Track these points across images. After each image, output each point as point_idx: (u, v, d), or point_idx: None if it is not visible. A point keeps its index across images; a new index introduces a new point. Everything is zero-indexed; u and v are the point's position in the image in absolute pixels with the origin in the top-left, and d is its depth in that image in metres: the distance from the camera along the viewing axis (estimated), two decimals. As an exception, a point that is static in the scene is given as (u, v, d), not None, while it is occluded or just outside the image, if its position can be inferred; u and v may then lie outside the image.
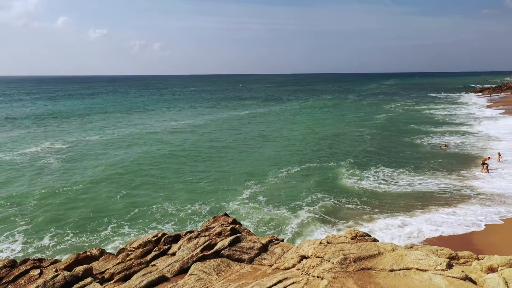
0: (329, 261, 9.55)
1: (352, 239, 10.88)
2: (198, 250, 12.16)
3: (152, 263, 12.31)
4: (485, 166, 31.58)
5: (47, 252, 19.87)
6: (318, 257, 9.97)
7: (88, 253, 13.61)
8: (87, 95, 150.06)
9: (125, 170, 35.44)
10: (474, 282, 8.23)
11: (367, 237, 10.92)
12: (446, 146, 43.35)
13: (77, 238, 21.54)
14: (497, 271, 8.61)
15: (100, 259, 13.11)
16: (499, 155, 35.29)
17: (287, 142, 49.15)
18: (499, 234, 19.76)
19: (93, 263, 12.72)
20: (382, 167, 34.74)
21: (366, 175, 32.28)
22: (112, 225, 23.11)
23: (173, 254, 12.62)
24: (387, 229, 21.35)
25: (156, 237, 13.55)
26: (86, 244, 20.54)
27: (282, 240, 13.00)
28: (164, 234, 13.71)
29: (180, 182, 31.95)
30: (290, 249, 11.70)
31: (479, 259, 9.55)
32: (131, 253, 13.05)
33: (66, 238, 21.58)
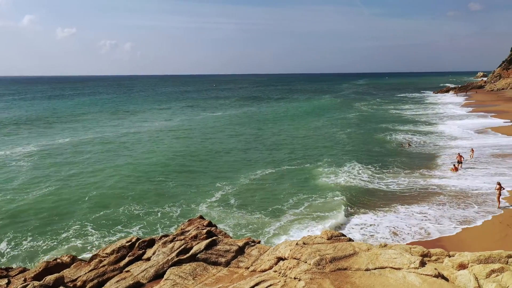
0: (306, 262, 9.59)
1: (328, 239, 10.97)
2: (173, 254, 11.97)
3: (126, 269, 12.04)
4: (459, 165, 32.42)
5: (12, 260, 19.11)
6: (295, 258, 9.99)
7: (58, 260, 13.18)
8: (56, 97, 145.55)
9: (93, 173, 34.57)
10: (446, 279, 8.44)
11: (342, 237, 11.03)
12: (409, 145, 44.71)
13: (40, 243, 20.78)
14: (467, 267, 8.87)
15: (72, 266, 12.72)
16: (472, 151, 36.41)
17: (262, 143, 49.22)
18: (469, 231, 20.40)
19: (64, 270, 12.32)
20: (357, 166, 35.27)
21: (340, 174, 32.66)
22: (79, 230, 22.43)
23: (148, 259, 12.39)
24: (362, 228, 21.68)
25: (130, 242, 13.26)
26: (50, 250, 19.88)
27: (259, 242, 12.97)
28: (138, 239, 13.43)
29: (150, 184, 31.45)
30: (266, 251, 11.69)
31: (450, 256, 9.81)
32: (104, 259, 12.71)
33: (27, 244, 20.83)
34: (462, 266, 9.07)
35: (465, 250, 12.16)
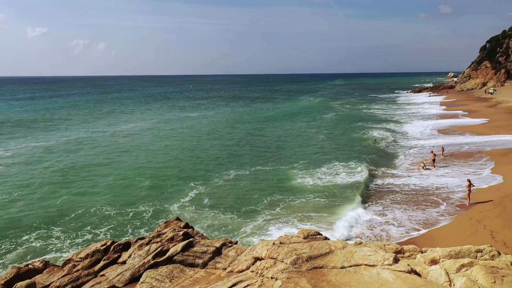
0: (283, 261, 9.66)
1: (304, 238, 11.08)
2: (149, 257, 11.84)
3: (101, 273, 11.83)
4: (433, 162, 33.23)
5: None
6: (272, 258, 10.05)
7: (30, 266, 12.83)
8: (27, 99, 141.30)
9: (63, 175, 33.79)
10: (419, 274, 8.66)
11: (318, 236, 11.16)
12: (375, 141, 46.09)
13: (7, 250, 20.07)
14: (439, 263, 9.13)
15: (44, 272, 12.40)
16: (443, 149, 37.42)
17: (239, 143, 49.18)
18: (441, 227, 20.94)
19: (36, 276, 12.01)
20: (334, 165, 35.65)
21: (315, 173, 32.94)
22: (49, 235, 21.76)
23: (124, 262, 12.21)
24: (337, 226, 21.94)
25: (105, 246, 13.04)
26: (19, 257, 19.27)
27: (236, 243, 12.98)
28: (113, 242, 13.22)
29: (123, 184, 30.97)
30: (243, 251, 11.70)
31: (422, 252, 10.06)
32: (78, 264, 12.46)
33: None
34: (433, 262, 9.32)
35: (437, 246, 12.46)
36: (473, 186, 24.07)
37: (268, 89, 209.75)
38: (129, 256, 12.29)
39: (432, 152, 35.13)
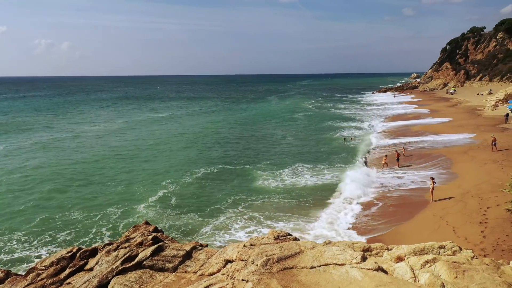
0: (253, 263, 9.69)
1: (274, 239, 11.15)
2: (118, 263, 11.58)
3: (67, 281, 11.47)
4: (397, 162, 34.11)
5: None
6: (243, 260, 10.06)
7: (-10, 276, 12.29)
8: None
9: (25, 179, 32.67)
10: (386, 272, 8.90)
11: (288, 237, 11.26)
12: (345, 140, 47.38)
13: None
14: (404, 260, 9.42)
15: (6, 282, 11.91)
16: (403, 149, 38.55)
17: (207, 143, 49.04)
18: (406, 225, 21.59)
19: (-3, 287, 11.52)
20: (300, 164, 36.19)
21: (284, 173, 33.37)
22: (10, 243, 20.98)
23: (91, 269, 11.89)
24: (305, 227, 22.23)
25: (71, 253, 12.65)
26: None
27: (206, 246, 12.90)
28: (79, 249, 12.85)
29: (90, 188, 30.29)
30: (214, 254, 11.66)
31: (389, 250, 10.35)
32: (43, 272, 12.03)
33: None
34: (399, 259, 9.61)
35: (403, 243, 12.84)
36: (436, 183, 24.95)
37: (239, 89, 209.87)
38: (97, 263, 11.99)
39: (396, 151, 36.13)
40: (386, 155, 35.56)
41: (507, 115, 51.64)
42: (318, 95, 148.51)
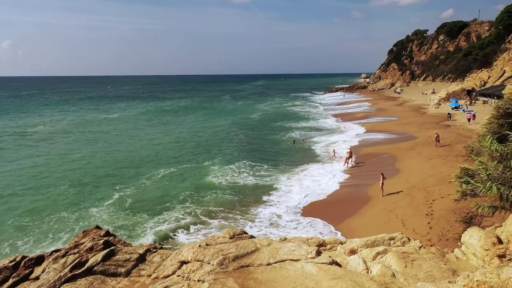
0: (209, 263, 9.58)
1: (230, 238, 11.09)
2: (66, 270, 11.02)
3: (11, 292, 10.78)
4: (349, 160, 34.96)
5: None
6: (198, 260, 9.92)
7: None
8: None
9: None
10: (339, 265, 9.11)
11: (244, 235, 11.25)
12: (294, 142, 47.79)
13: None
14: (357, 252, 9.68)
15: None
16: (350, 149, 39.46)
17: (161, 143, 48.15)
18: (358, 219, 22.26)
19: None
20: (252, 163, 36.46)
21: (240, 172, 33.46)
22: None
23: (37, 278, 11.23)
24: (261, 223, 22.36)
25: (14, 262, 11.88)
26: None
27: (161, 248, 12.60)
28: (24, 257, 12.10)
29: (42, 192, 28.83)
30: (169, 256, 11.40)
31: (342, 244, 10.60)
32: (-18, 284, 11.23)
33: None
34: (352, 252, 9.86)
35: (355, 236, 13.20)
36: (385, 178, 25.93)
37: (192, 89, 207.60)
38: (43, 271, 11.34)
39: (350, 151, 36.94)
40: (350, 152, 35.94)
41: (449, 114, 54.79)
42: (271, 95, 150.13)
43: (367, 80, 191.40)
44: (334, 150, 39.17)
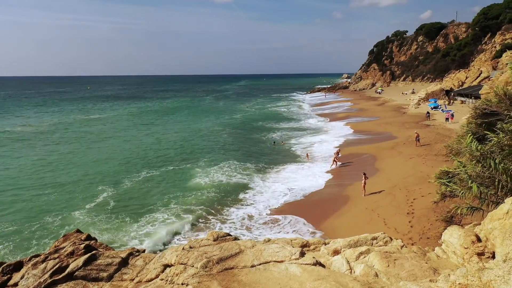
0: (193, 266, 9.51)
1: (214, 240, 11.03)
2: (46, 275, 10.79)
3: (-12, 299, 10.50)
4: (337, 159, 35.13)
5: None
6: (182, 263, 9.84)
7: None
8: None
9: None
10: (323, 266, 9.16)
11: (228, 237, 11.20)
12: (274, 143, 47.91)
13: None
14: (340, 252, 9.76)
15: None
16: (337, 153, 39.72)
17: (145, 144, 47.62)
18: (341, 219, 22.45)
19: None
20: (236, 163, 36.50)
21: (223, 173, 33.36)
22: None
23: (15, 284, 10.96)
24: (243, 224, 22.35)
25: (-9, 268, 11.58)
26: None
27: (144, 251, 12.45)
28: (1, 263, 11.80)
29: (23, 197, 28.16)
30: (152, 259, 11.27)
31: (326, 244, 10.67)
32: (-42, 292, 10.90)
33: None
34: (336, 252, 9.93)
35: (338, 236, 13.31)
36: (367, 178, 26.23)
37: (173, 89, 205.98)
38: (22, 277, 11.08)
39: (338, 151, 36.87)
40: (337, 152, 35.97)
41: (428, 113, 55.80)
42: (254, 95, 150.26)
43: (349, 80, 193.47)
44: (307, 154, 39.58)
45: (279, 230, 21.40)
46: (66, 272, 10.85)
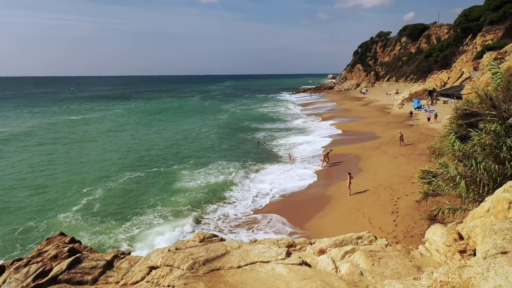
0: (179, 267, 9.47)
1: (200, 241, 11.01)
2: (29, 279, 10.60)
3: (-32, 305, 10.27)
4: (327, 159, 35.16)
5: None
6: (168, 265, 9.78)
7: None
8: None
9: None
10: (309, 265, 9.22)
11: (214, 238, 11.19)
12: (258, 143, 48.02)
13: None
14: (326, 252, 9.84)
15: None
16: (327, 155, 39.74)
17: (130, 145, 47.15)
18: (326, 218, 22.60)
19: None
20: (224, 163, 36.46)
21: (209, 173, 33.29)
22: None
23: (-3, 289, 10.77)
24: (229, 223, 22.34)
25: (-28, 273, 11.33)
26: None
27: (129, 253, 12.34)
28: (-18, 268, 11.55)
29: (2, 199, 27.65)
30: (137, 262, 11.18)
31: (312, 244, 10.74)
32: None
33: None
34: (321, 252, 10.01)
35: (324, 236, 13.39)
36: (352, 178, 26.47)
37: (158, 90, 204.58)
38: (4, 282, 10.87)
39: (328, 151, 36.89)
40: (327, 153, 35.90)
41: (411, 112, 56.60)
42: (239, 96, 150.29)
43: (334, 80, 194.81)
44: (289, 154, 39.84)
45: (262, 229, 21.44)
46: (50, 276, 10.69)
